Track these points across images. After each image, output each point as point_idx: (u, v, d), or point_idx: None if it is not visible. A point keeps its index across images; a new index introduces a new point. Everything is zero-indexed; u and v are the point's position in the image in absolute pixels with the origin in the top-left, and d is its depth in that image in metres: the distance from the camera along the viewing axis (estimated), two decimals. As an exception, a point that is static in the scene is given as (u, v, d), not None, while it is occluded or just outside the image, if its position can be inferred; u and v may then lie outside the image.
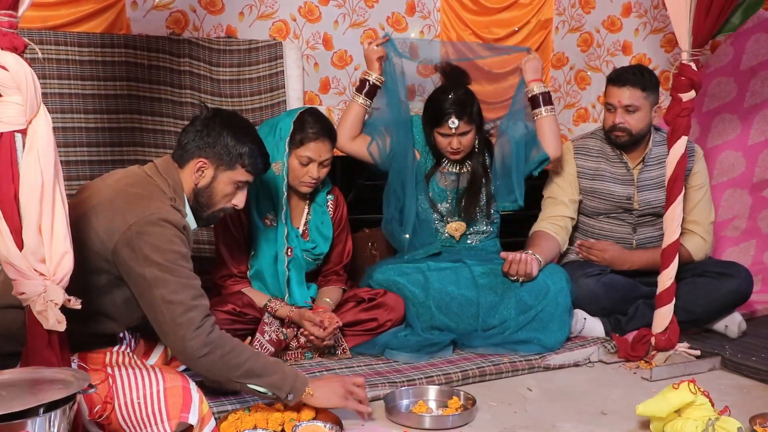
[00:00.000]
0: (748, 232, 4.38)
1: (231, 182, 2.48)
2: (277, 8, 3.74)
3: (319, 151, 3.10)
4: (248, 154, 2.47)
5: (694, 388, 2.42)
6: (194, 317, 2.19)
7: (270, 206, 3.18)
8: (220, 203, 2.51)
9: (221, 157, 2.44)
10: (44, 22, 3.23)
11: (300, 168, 3.11)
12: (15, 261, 1.83)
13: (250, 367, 2.27)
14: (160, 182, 2.39)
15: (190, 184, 2.45)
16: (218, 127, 2.45)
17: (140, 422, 2.12)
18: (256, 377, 2.29)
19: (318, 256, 3.30)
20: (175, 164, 2.47)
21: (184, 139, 2.47)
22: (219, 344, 2.22)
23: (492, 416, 2.68)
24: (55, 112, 3.20)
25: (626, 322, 3.47)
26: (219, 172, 2.46)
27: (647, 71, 3.52)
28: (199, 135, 2.45)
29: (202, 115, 2.52)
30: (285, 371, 2.37)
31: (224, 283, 3.18)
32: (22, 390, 1.75)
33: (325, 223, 3.30)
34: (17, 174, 1.83)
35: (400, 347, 3.17)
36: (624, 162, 3.60)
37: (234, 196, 2.52)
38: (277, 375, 2.33)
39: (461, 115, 3.40)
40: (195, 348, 2.18)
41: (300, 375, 2.42)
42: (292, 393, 2.35)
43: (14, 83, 1.79)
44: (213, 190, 2.47)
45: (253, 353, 2.34)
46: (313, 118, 3.14)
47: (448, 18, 4.15)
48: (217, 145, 2.44)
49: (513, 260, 3.29)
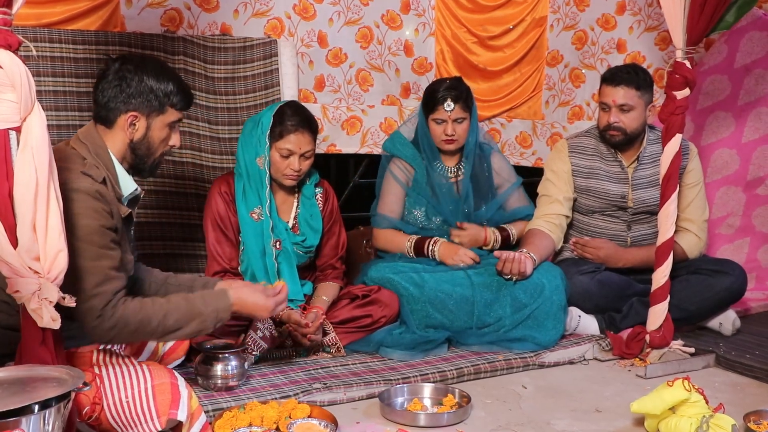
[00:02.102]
0: (742, 230, 4.39)
1: (165, 125, 2.39)
2: (271, 6, 3.73)
3: (299, 143, 3.11)
4: (174, 92, 2.37)
5: (688, 385, 2.42)
6: (94, 305, 2.13)
7: (257, 200, 3.19)
8: (159, 149, 2.41)
9: (150, 103, 2.33)
10: (39, 20, 3.23)
11: (281, 161, 3.13)
12: (9, 259, 1.83)
13: (165, 328, 2.28)
14: (80, 148, 2.28)
15: (125, 140, 2.34)
16: (136, 75, 2.32)
17: (129, 421, 2.11)
18: (175, 332, 2.31)
19: (309, 249, 3.30)
20: (101, 126, 2.34)
21: (102, 98, 2.32)
22: (123, 324, 2.18)
23: (487, 414, 2.68)
24: (50, 110, 3.20)
25: (621, 320, 3.47)
26: (151, 120, 2.36)
27: (641, 70, 3.53)
28: (119, 88, 2.30)
29: (111, 67, 2.35)
30: (201, 312, 2.34)
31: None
32: (16, 388, 1.74)
33: (315, 215, 3.31)
34: (11, 172, 1.82)
35: (395, 345, 3.17)
36: (618, 160, 3.60)
37: (170, 137, 2.43)
38: (194, 321, 2.33)
39: (457, 100, 3.45)
40: (99, 334, 2.18)
41: (221, 302, 2.40)
42: (219, 322, 2.39)
43: (8, 81, 1.79)
44: (150, 139, 2.38)
45: (164, 313, 2.27)
46: (291, 110, 3.16)
47: (443, 15, 4.16)
48: (141, 94, 2.31)
49: (507, 259, 3.30)
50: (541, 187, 3.72)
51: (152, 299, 2.31)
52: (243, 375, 2.76)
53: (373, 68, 4.03)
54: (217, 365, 2.70)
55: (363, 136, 4.04)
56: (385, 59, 4.06)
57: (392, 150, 3.64)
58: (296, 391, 2.70)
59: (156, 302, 2.30)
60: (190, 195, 3.57)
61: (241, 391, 2.69)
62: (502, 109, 4.41)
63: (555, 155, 3.72)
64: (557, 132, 4.55)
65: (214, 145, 3.61)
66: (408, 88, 4.14)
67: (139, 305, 2.24)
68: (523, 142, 4.51)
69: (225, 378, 2.71)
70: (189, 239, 3.55)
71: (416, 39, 4.13)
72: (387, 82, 4.09)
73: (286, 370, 2.94)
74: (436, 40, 4.18)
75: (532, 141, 4.53)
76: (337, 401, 2.73)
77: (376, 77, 4.05)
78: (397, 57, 4.09)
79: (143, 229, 3.45)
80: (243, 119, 3.60)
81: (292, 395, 2.66)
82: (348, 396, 2.75)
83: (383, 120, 4.09)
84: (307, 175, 3.29)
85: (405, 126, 3.76)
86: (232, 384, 2.72)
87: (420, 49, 4.15)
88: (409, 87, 4.14)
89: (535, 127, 4.52)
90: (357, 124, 4.01)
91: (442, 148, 3.57)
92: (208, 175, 3.58)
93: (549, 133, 4.56)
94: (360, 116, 4.02)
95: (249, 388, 2.74)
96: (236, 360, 2.73)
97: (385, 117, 4.09)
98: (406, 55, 4.12)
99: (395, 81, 4.11)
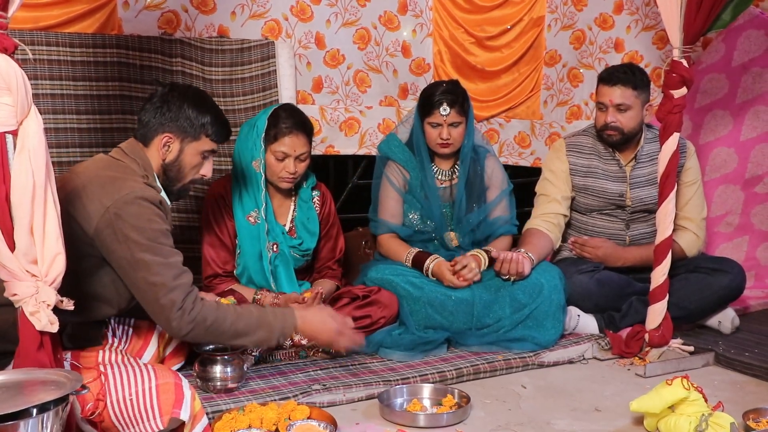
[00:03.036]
0: (740, 228, 4.39)
1: (197, 153, 2.53)
2: (269, 8, 3.74)
3: (294, 145, 3.12)
4: (210, 123, 2.52)
5: (687, 384, 2.42)
6: (176, 298, 2.28)
7: (253, 204, 3.20)
8: (189, 175, 2.56)
9: (185, 129, 2.49)
10: (36, 23, 3.23)
11: (277, 164, 3.14)
12: (7, 262, 1.83)
13: (235, 331, 2.41)
14: (130, 163, 2.43)
15: (158, 161, 2.50)
16: (178, 101, 2.49)
17: (132, 419, 2.12)
18: (243, 336, 2.45)
19: (305, 252, 3.31)
20: (140, 144, 2.51)
21: (145, 118, 2.51)
22: (201, 319, 2.33)
23: (486, 414, 2.68)
24: (47, 113, 3.20)
25: (620, 319, 3.47)
26: (185, 145, 2.51)
27: (638, 70, 3.53)
28: (160, 111, 2.48)
29: (158, 91, 2.54)
30: (270, 323, 2.48)
31: (211, 283, 3.20)
32: (14, 391, 1.75)
33: (311, 218, 3.32)
34: (8, 175, 1.82)
35: (394, 346, 3.16)
36: (616, 159, 3.60)
37: (202, 166, 2.58)
38: (262, 330, 2.46)
39: (453, 104, 3.43)
40: (180, 327, 2.30)
41: (288, 319, 2.52)
42: (282, 337, 2.56)
43: (4, 84, 1.79)
44: (181, 162, 2.52)
45: (237, 316, 2.42)
46: (286, 113, 3.17)
47: (441, 16, 4.16)
48: (179, 119, 2.48)
49: (505, 259, 3.30)
50: (539, 187, 3.72)
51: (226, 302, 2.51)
52: (242, 377, 2.76)
53: (370, 69, 4.04)
54: (216, 367, 2.70)
55: (361, 137, 4.04)
56: (382, 60, 4.06)
57: (387, 152, 3.64)
58: (295, 392, 2.70)
59: (229, 305, 2.48)
60: (188, 197, 3.55)
61: (241, 393, 2.69)
62: (500, 110, 4.41)
63: (553, 154, 3.72)
64: (556, 132, 4.55)
65: (213, 147, 3.60)
66: (406, 89, 4.15)
67: (215, 304, 2.41)
68: (522, 142, 4.51)
69: (224, 380, 2.70)
70: (188, 241, 3.55)
71: (414, 40, 4.13)
72: (385, 83, 4.09)
73: (285, 372, 2.94)
74: (433, 40, 4.18)
75: (531, 141, 4.53)
76: (336, 402, 2.72)
77: (374, 78, 4.05)
78: (395, 58, 4.09)
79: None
80: (241, 121, 3.60)
81: (292, 397, 2.66)
82: (347, 397, 2.75)
83: (381, 121, 4.09)
84: (303, 178, 3.29)
85: (401, 126, 3.76)
86: (231, 386, 2.71)
87: (418, 50, 4.15)
88: (407, 88, 4.14)
89: (534, 127, 4.53)
90: (355, 125, 4.02)
91: (437, 152, 3.56)
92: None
93: (547, 132, 4.56)
94: (358, 117, 4.03)
95: (248, 389, 2.74)
96: (235, 362, 2.73)
97: (383, 118, 4.09)
98: (404, 56, 4.12)
99: (393, 82, 4.11)
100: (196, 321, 2.31)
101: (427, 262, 3.41)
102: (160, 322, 2.35)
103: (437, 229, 3.57)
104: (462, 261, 3.34)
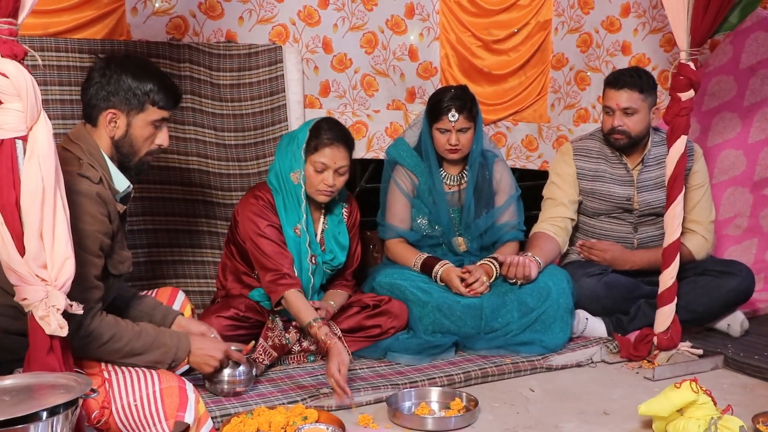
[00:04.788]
0: (749, 231, 4.37)
1: (147, 124, 2.39)
2: (276, 12, 3.75)
3: (334, 157, 3.09)
4: (155, 91, 2.38)
5: (696, 387, 2.42)
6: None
7: (296, 216, 3.14)
8: (143, 148, 2.42)
9: (129, 101, 2.35)
10: (45, 29, 3.24)
11: (315, 175, 3.09)
12: (17, 267, 1.84)
13: (129, 350, 2.28)
14: (74, 149, 2.31)
15: (108, 139, 2.37)
16: (116, 73, 2.35)
17: (138, 424, 2.13)
18: (137, 356, 2.30)
19: (335, 268, 3.29)
20: (88, 125, 2.38)
21: (86, 96, 2.37)
22: (97, 335, 2.21)
23: (494, 417, 2.68)
24: (57, 119, 3.21)
25: (628, 322, 3.47)
26: (131, 118, 2.37)
27: (644, 73, 3.52)
28: (100, 86, 2.34)
29: (96, 66, 2.40)
30: (166, 345, 2.37)
31: (279, 282, 3.00)
32: (24, 395, 1.76)
33: (342, 232, 3.30)
34: (18, 180, 1.83)
35: (402, 350, 3.17)
36: (623, 163, 3.60)
37: (156, 136, 2.43)
38: (158, 351, 2.34)
39: (461, 109, 3.43)
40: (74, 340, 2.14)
41: (182, 344, 2.42)
42: (175, 362, 2.40)
43: (14, 90, 1.80)
44: (132, 137, 2.39)
45: (134, 335, 2.30)
46: (328, 125, 3.15)
47: (447, 20, 4.16)
48: (119, 91, 2.34)
49: (511, 263, 3.30)
50: (546, 191, 3.72)
51: (124, 320, 2.34)
52: (250, 381, 2.76)
53: (378, 73, 4.04)
54: (225, 370, 2.70)
55: (369, 141, 4.05)
56: (390, 64, 4.06)
57: (396, 157, 3.64)
58: (304, 396, 2.71)
59: (128, 323, 2.33)
60: (197, 202, 3.58)
61: (249, 397, 2.70)
62: (507, 113, 4.41)
63: (560, 158, 3.72)
64: (563, 135, 4.54)
65: (220, 152, 3.61)
66: (413, 93, 4.15)
67: (114, 321, 2.28)
68: (529, 146, 4.50)
69: (232, 383, 2.71)
70: (196, 246, 3.57)
71: (421, 43, 4.13)
72: (392, 87, 4.09)
73: (294, 375, 2.95)
74: (440, 44, 4.18)
75: (538, 144, 4.52)
76: (344, 406, 2.73)
77: (381, 82, 4.06)
78: (402, 62, 4.10)
79: (150, 236, 3.46)
80: (248, 126, 3.62)
81: (300, 400, 2.66)
82: (355, 401, 2.75)
83: (389, 125, 4.09)
84: (339, 194, 3.25)
85: (410, 130, 3.76)
86: (239, 390, 2.72)
87: (425, 54, 4.15)
88: (414, 92, 4.15)
89: (541, 130, 4.52)
90: (362, 129, 4.02)
91: (445, 157, 3.56)
92: (214, 181, 3.59)
93: (555, 136, 4.55)
94: (365, 121, 4.03)
95: (257, 393, 2.75)
96: (244, 366, 2.74)
97: (390, 122, 4.09)
98: (411, 60, 4.12)
99: (400, 86, 4.11)
100: (92, 336, 2.20)
101: (436, 267, 3.41)
102: None
103: (445, 234, 3.57)
104: (475, 274, 3.34)
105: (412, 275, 3.41)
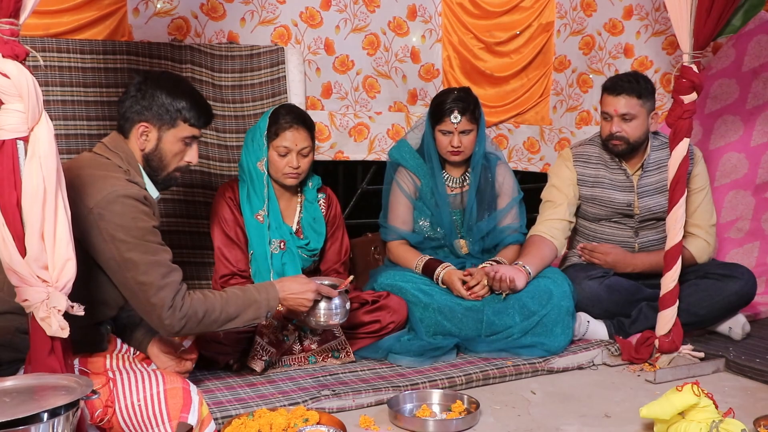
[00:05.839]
0: (751, 234, 4.37)
1: (177, 140, 2.49)
2: (278, 14, 3.75)
3: (295, 139, 3.16)
4: (187, 108, 2.48)
5: (697, 390, 2.41)
6: (165, 296, 2.29)
7: (260, 203, 3.22)
8: (172, 163, 2.52)
9: (161, 116, 2.46)
10: (47, 30, 3.25)
11: (280, 159, 3.18)
12: (18, 268, 1.84)
13: (227, 316, 2.46)
14: (113, 158, 2.41)
15: (138, 151, 2.47)
16: (151, 89, 2.46)
17: (141, 424, 2.13)
18: (235, 320, 2.49)
19: (313, 252, 3.32)
20: (120, 136, 2.48)
21: (122, 109, 2.48)
22: (192, 314, 2.36)
23: (496, 420, 2.68)
24: (58, 119, 3.22)
25: (629, 325, 3.46)
26: (162, 133, 2.47)
27: (642, 78, 3.51)
28: (135, 100, 2.45)
29: (134, 81, 2.51)
30: (257, 300, 2.55)
31: (227, 283, 3.19)
32: (25, 396, 1.76)
33: (318, 219, 3.34)
34: (19, 181, 1.84)
35: (403, 351, 3.17)
36: (623, 169, 3.59)
37: (185, 153, 2.53)
38: (251, 309, 2.53)
39: (464, 111, 3.43)
40: (172, 325, 2.33)
41: (270, 294, 2.60)
42: (270, 312, 2.60)
43: (16, 91, 1.80)
44: (161, 151, 2.49)
45: (224, 302, 2.46)
46: (286, 110, 3.23)
47: (450, 22, 4.16)
48: (153, 106, 2.45)
49: (495, 279, 3.27)
50: (545, 193, 3.71)
51: (210, 291, 2.49)
52: (347, 314, 2.89)
53: (380, 75, 4.04)
54: (320, 303, 2.80)
55: (370, 142, 4.05)
56: (392, 66, 4.07)
57: (398, 159, 3.64)
58: (305, 397, 2.71)
59: (215, 293, 2.49)
60: (198, 203, 3.58)
61: (250, 398, 2.70)
62: (509, 115, 4.41)
63: (560, 163, 3.71)
64: (565, 137, 4.54)
65: (222, 153, 3.62)
66: (415, 95, 4.15)
67: (202, 296, 2.43)
68: (531, 148, 4.50)
69: (328, 316, 2.84)
70: (198, 247, 3.56)
71: (423, 45, 4.13)
72: (394, 89, 4.09)
73: (295, 377, 2.95)
74: (442, 46, 4.19)
75: (540, 146, 4.53)
76: (345, 408, 2.72)
77: (383, 84, 4.06)
78: (404, 63, 4.10)
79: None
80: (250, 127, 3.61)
81: (301, 402, 2.66)
82: (357, 402, 2.75)
83: (390, 126, 4.09)
84: (308, 177, 3.32)
85: (412, 132, 3.76)
86: (333, 322, 2.85)
87: (427, 56, 4.16)
88: (416, 93, 4.15)
89: (543, 133, 4.52)
90: (364, 130, 4.02)
91: (448, 159, 3.56)
92: (216, 182, 3.59)
93: (557, 138, 4.55)
94: (367, 123, 4.03)
95: (258, 394, 2.74)
96: (339, 299, 2.86)
97: (392, 123, 4.10)
98: (413, 62, 4.13)
99: (402, 87, 4.11)
100: (188, 316, 2.34)
101: (438, 269, 3.41)
102: (151, 320, 2.35)
103: (447, 236, 3.57)
104: (476, 277, 3.34)
105: (414, 277, 3.41)
